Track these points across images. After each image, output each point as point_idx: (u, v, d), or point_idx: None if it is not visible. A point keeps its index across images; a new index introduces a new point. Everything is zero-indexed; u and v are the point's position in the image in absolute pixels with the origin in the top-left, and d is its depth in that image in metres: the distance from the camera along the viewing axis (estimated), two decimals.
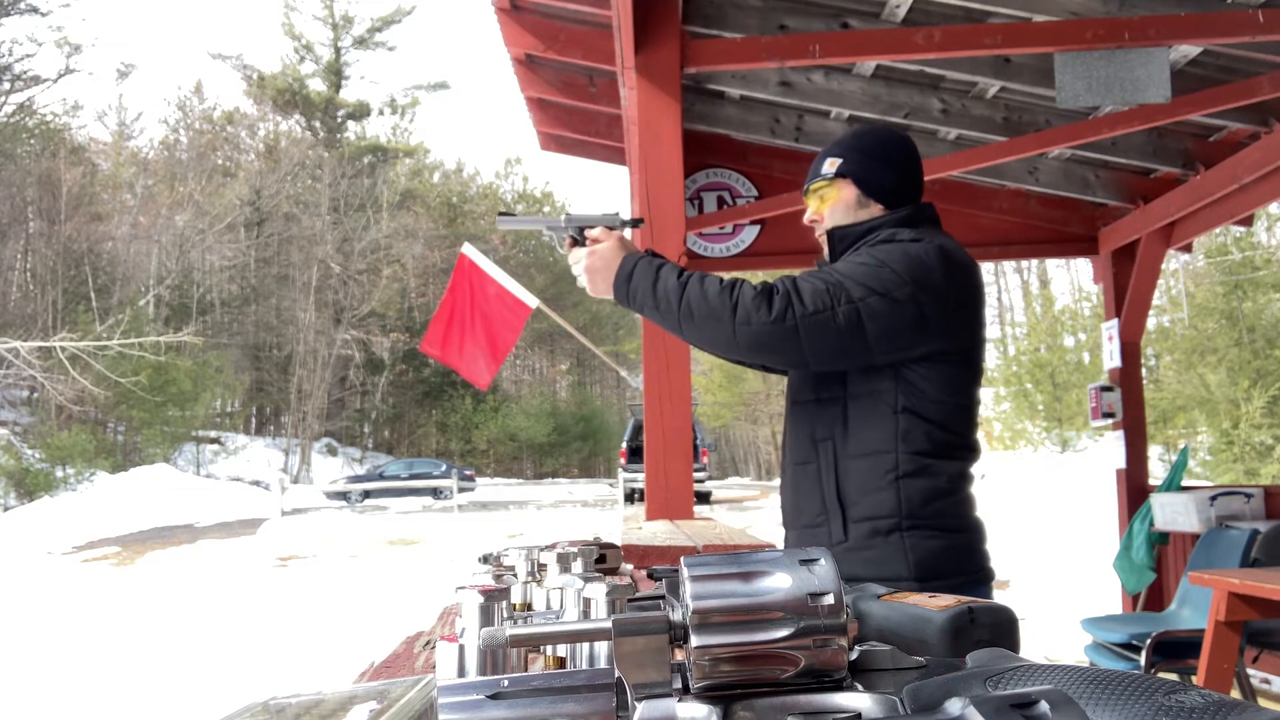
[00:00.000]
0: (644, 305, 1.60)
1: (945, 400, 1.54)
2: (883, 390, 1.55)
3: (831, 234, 1.70)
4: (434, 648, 0.99)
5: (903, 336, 1.50)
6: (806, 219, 1.75)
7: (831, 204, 1.70)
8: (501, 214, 1.84)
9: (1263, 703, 2.24)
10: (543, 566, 1.07)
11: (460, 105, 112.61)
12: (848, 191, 1.69)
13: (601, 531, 4.63)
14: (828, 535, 1.59)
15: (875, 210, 1.68)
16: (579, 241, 1.71)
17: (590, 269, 1.67)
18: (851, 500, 1.56)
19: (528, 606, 1.01)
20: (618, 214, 1.76)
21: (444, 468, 25.51)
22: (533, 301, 5.29)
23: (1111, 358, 5.92)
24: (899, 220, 1.64)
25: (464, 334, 5.24)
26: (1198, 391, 14.47)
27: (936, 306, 1.51)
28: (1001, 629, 0.53)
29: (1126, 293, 5.76)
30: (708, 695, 0.43)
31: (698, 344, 1.59)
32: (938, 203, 6.03)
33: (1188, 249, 6.12)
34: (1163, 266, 5.98)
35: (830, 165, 1.71)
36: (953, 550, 1.53)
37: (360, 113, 39.58)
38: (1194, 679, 3.40)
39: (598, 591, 0.73)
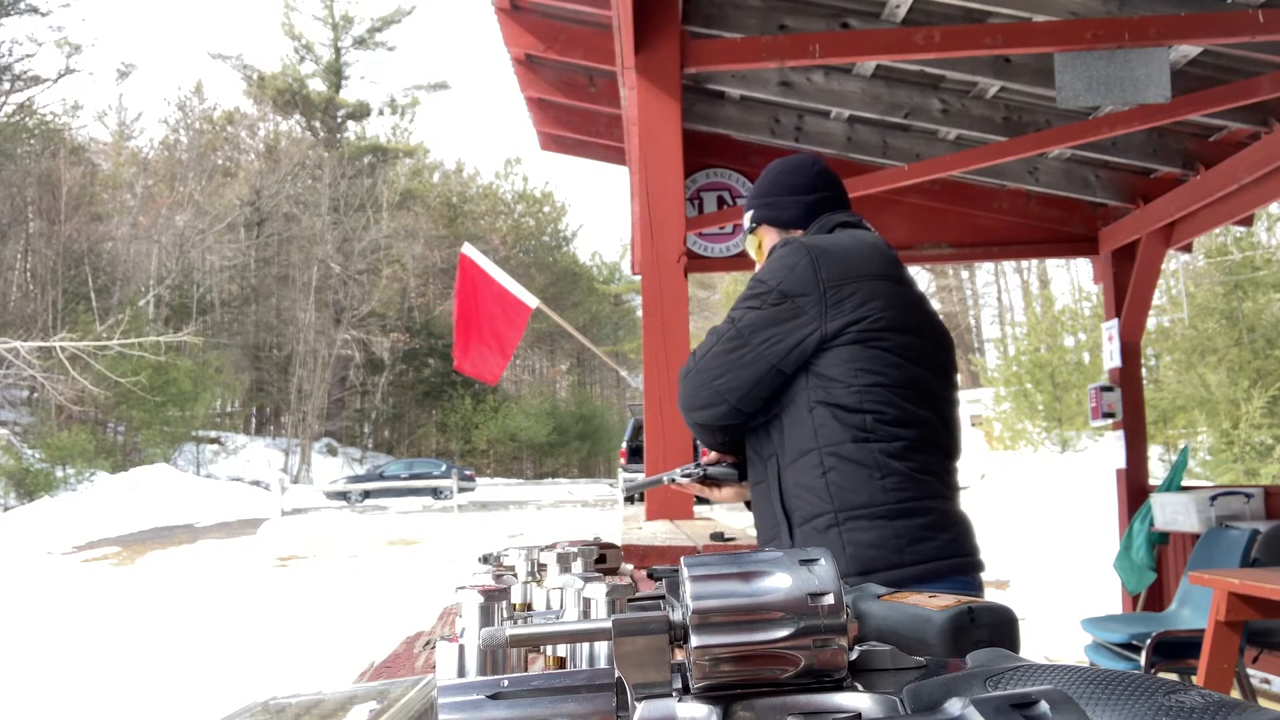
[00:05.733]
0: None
1: (855, 382, 1.55)
2: (799, 392, 1.59)
3: None
4: (434, 648, 0.99)
5: (787, 335, 1.57)
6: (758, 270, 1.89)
7: (765, 249, 1.82)
8: (628, 495, 1.99)
9: (1263, 703, 2.24)
10: (543, 566, 1.07)
11: (460, 105, 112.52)
12: (769, 235, 1.81)
13: (601, 531, 4.63)
14: (779, 545, 1.60)
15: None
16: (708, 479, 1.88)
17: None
18: (793, 507, 1.59)
19: (528, 606, 1.01)
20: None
21: (444, 468, 25.52)
22: (533, 301, 5.30)
23: (1111, 358, 5.92)
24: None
25: (470, 333, 5.26)
26: (1198, 391, 14.47)
27: (808, 295, 1.56)
28: (1001, 629, 0.53)
29: (1126, 293, 5.77)
30: (708, 695, 0.43)
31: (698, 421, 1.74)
32: (937, 203, 5.98)
33: (1188, 249, 6.12)
34: (1163, 266, 5.98)
35: (747, 219, 1.86)
36: (888, 541, 1.50)
37: (360, 113, 39.58)
38: (1194, 679, 3.40)
39: (598, 591, 0.73)
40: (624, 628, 0.43)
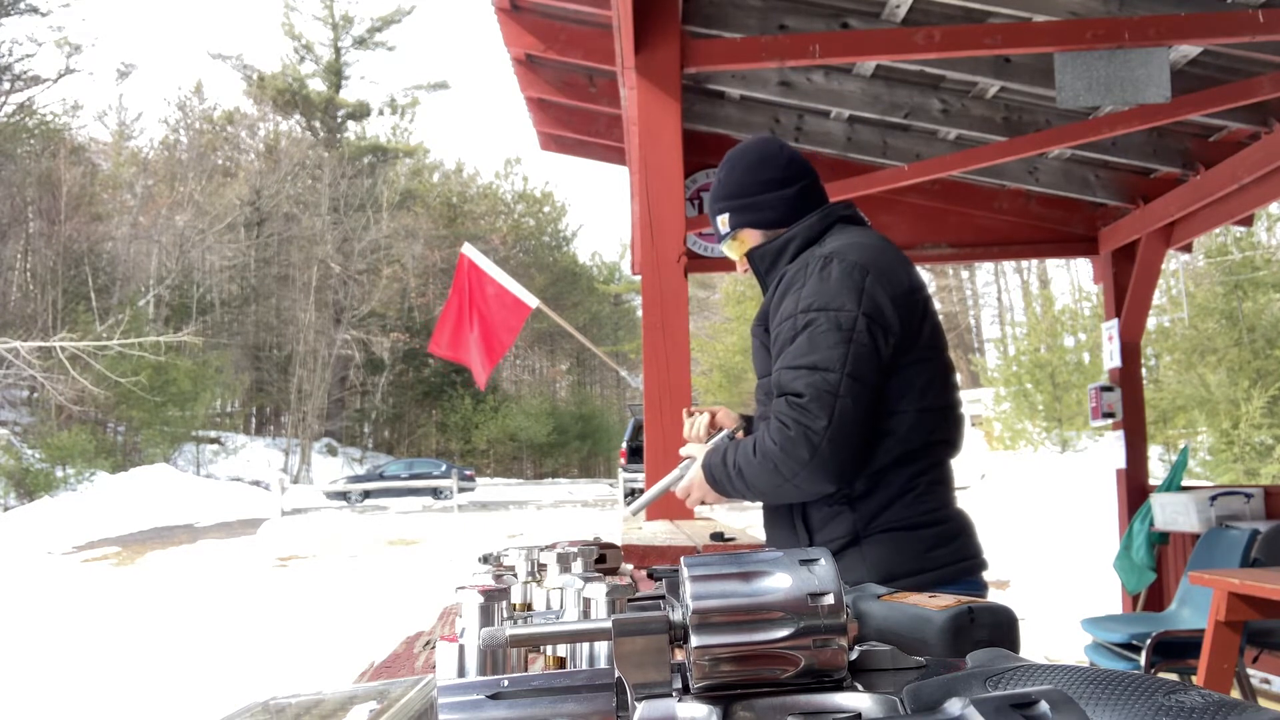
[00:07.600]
0: (733, 494, 1.63)
1: (909, 408, 1.52)
2: None
3: (750, 258, 1.70)
4: (434, 648, 0.99)
5: (883, 358, 1.49)
6: (739, 271, 1.76)
7: (749, 251, 1.70)
8: (632, 513, 1.97)
9: (1263, 703, 2.24)
10: (543, 566, 1.07)
11: (460, 105, 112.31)
12: (753, 237, 1.68)
13: (601, 531, 4.63)
14: None
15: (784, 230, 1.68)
16: None
17: (687, 489, 1.70)
18: (815, 527, 1.57)
19: (528, 606, 1.01)
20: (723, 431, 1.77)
21: (444, 468, 25.52)
22: (533, 301, 5.30)
23: (1111, 358, 5.92)
24: (808, 233, 1.62)
25: (466, 332, 5.27)
26: (1198, 391, 14.46)
27: (885, 313, 1.49)
28: (1001, 629, 0.53)
29: (1126, 293, 5.76)
30: (708, 695, 0.43)
31: (789, 501, 1.61)
32: (937, 203, 5.98)
33: (1188, 249, 6.12)
34: (1163, 266, 5.98)
35: (723, 223, 1.70)
36: (911, 548, 1.51)
37: (360, 113, 39.57)
38: (1194, 679, 3.40)
39: (598, 591, 0.73)
40: (624, 628, 0.43)
